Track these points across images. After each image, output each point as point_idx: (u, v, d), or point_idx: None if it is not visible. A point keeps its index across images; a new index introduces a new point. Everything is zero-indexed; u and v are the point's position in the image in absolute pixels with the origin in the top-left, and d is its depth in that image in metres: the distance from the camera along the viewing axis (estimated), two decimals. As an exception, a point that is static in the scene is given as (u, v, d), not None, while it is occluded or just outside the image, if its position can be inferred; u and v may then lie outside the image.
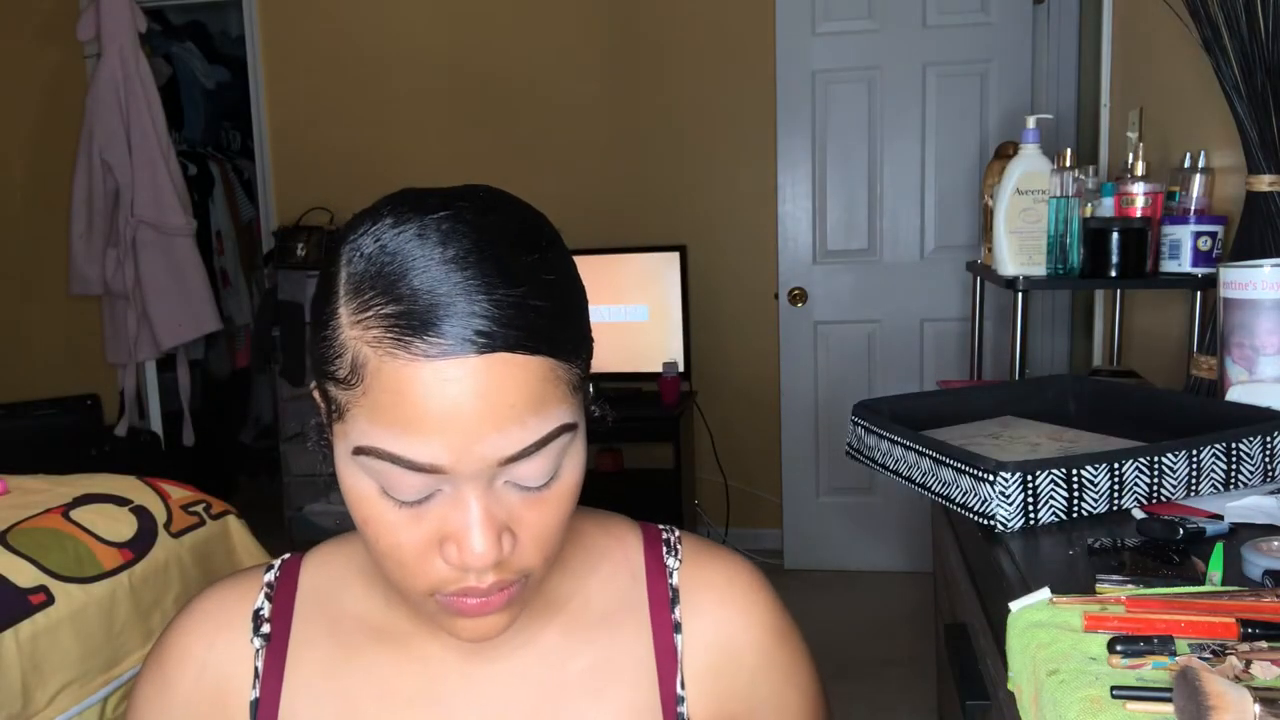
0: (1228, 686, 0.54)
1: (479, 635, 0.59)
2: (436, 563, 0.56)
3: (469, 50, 3.71)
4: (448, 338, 0.51)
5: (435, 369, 0.51)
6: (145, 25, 3.45)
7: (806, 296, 3.47)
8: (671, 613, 0.68)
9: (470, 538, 0.54)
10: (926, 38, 3.30)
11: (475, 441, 0.52)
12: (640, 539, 0.72)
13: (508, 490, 0.56)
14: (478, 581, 0.56)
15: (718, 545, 0.74)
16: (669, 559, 0.71)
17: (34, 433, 3.56)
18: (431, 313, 0.51)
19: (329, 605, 0.68)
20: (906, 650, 2.87)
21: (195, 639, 0.68)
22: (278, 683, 0.66)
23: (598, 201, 3.63)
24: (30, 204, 4.01)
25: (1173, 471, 0.94)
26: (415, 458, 0.52)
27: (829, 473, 3.53)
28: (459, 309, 0.51)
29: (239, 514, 1.94)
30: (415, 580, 0.57)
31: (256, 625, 0.68)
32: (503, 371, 0.52)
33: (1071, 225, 1.74)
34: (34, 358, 4.06)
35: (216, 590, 0.71)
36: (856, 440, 1.18)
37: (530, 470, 0.55)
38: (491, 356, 0.51)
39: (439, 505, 0.55)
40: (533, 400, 0.53)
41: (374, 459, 0.54)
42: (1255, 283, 1.09)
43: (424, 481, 0.54)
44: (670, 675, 0.67)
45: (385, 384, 0.52)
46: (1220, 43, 1.38)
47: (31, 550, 1.55)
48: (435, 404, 0.51)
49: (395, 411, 0.52)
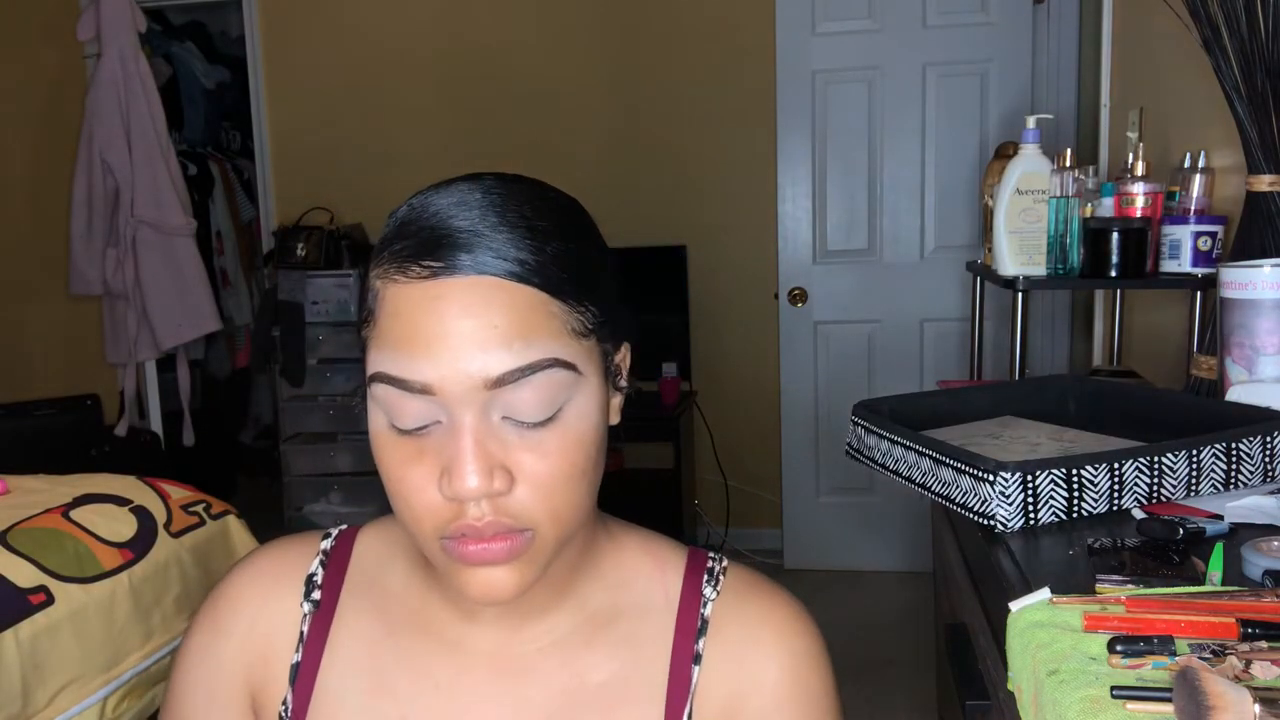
0: (1228, 686, 0.54)
1: (485, 591, 0.59)
2: (438, 498, 0.57)
3: (469, 50, 3.71)
4: (440, 259, 0.56)
5: (425, 289, 0.56)
6: (145, 25, 3.45)
7: (806, 296, 3.47)
8: (695, 643, 0.67)
9: (461, 465, 0.55)
10: (926, 38, 3.30)
11: (460, 359, 0.55)
12: (683, 564, 0.71)
13: (505, 427, 0.57)
14: (474, 519, 0.56)
15: (767, 581, 0.71)
16: (707, 588, 0.69)
17: (34, 433, 3.55)
18: (430, 242, 0.56)
19: (376, 581, 0.70)
20: (906, 650, 2.87)
21: (253, 592, 0.70)
22: (319, 650, 0.68)
23: (598, 201, 3.58)
24: (30, 204, 4.01)
25: (1173, 471, 0.94)
26: (409, 376, 0.56)
27: (829, 473, 3.53)
28: (456, 240, 0.56)
29: (239, 514, 1.94)
30: (421, 521, 0.58)
31: (308, 590, 0.70)
32: (489, 294, 0.55)
33: (1071, 225, 1.74)
34: (34, 358, 4.06)
35: (275, 547, 0.73)
36: (856, 440, 1.18)
37: (523, 401, 0.56)
38: (479, 279, 0.55)
39: (437, 438, 0.57)
40: (519, 326, 0.56)
41: (379, 384, 0.57)
42: (1255, 283, 1.09)
43: (421, 407, 0.56)
44: (679, 706, 0.66)
45: (387, 308, 0.57)
46: (1220, 43, 1.38)
47: (31, 550, 1.55)
48: (424, 321, 0.55)
49: (393, 333, 0.56)
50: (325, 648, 0.68)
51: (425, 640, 0.68)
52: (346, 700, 0.67)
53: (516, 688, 0.66)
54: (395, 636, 0.68)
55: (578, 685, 0.66)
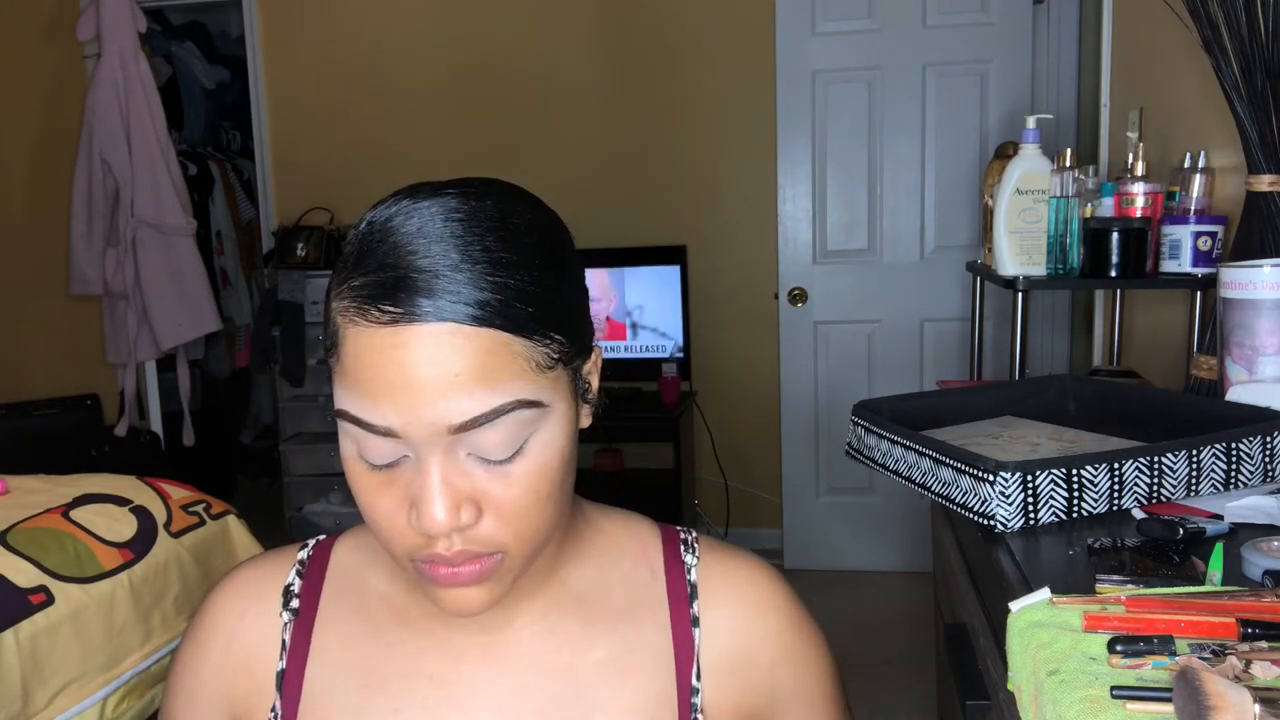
0: (1228, 686, 0.54)
1: (457, 607, 0.61)
2: (408, 526, 0.58)
3: (469, 50, 3.71)
4: (400, 305, 0.54)
5: (385, 335, 0.55)
6: (145, 25, 3.45)
7: (806, 296, 3.47)
8: (690, 607, 0.70)
9: (428, 504, 0.56)
10: (926, 38, 3.30)
11: (423, 406, 0.55)
12: (659, 537, 0.74)
13: (471, 462, 0.57)
14: (444, 549, 0.58)
15: (732, 545, 0.76)
16: (687, 556, 0.73)
17: (34, 433, 3.56)
18: (389, 284, 0.55)
19: (356, 584, 0.72)
20: (906, 650, 2.87)
21: (229, 609, 0.72)
22: (303, 655, 0.69)
23: (598, 201, 3.63)
24: (30, 204, 4.01)
25: (1173, 471, 0.94)
26: (373, 420, 0.56)
27: (829, 473, 3.53)
28: (414, 282, 0.55)
29: (239, 514, 1.94)
30: (393, 544, 0.60)
31: (286, 600, 0.71)
32: (449, 341, 0.54)
33: (1071, 225, 1.74)
34: (34, 358, 4.06)
35: (253, 564, 0.74)
36: (856, 440, 1.18)
37: (488, 442, 0.57)
38: (438, 325, 0.54)
39: (406, 471, 0.58)
40: (481, 371, 0.55)
41: (345, 422, 0.58)
42: (1255, 283, 1.09)
43: (387, 446, 0.57)
44: (686, 667, 0.69)
45: (349, 350, 0.56)
46: (1220, 43, 1.38)
47: (31, 550, 1.55)
48: (386, 370, 0.55)
49: (356, 375, 0.56)
50: (310, 652, 0.69)
51: (414, 636, 0.69)
52: (335, 699, 0.68)
53: (514, 673, 0.68)
54: (382, 635, 0.69)
55: (579, 664, 0.68)
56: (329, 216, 3.81)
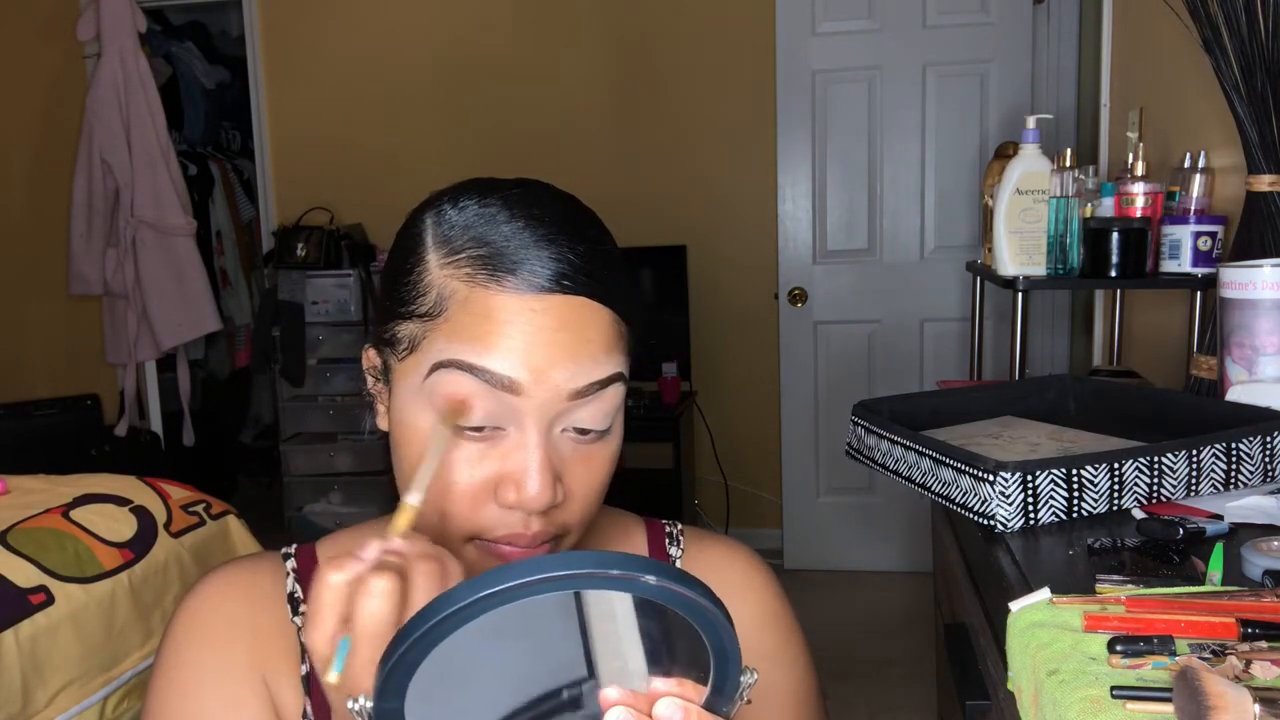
0: (1228, 686, 0.54)
1: None
2: (487, 507, 0.59)
3: (469, 50, 3.71)
4: (539, 276, 0.58)
5: (523, 300, 0.58)
6: (145, 25, 3.45)
7: (806, 296, 3.47)
8: None
9: (529, 479, 0.57)
10: (926, 38, 3.30)
11: (552, 366, 0.57)
12: (644, 530, 0.77)
13: (563, 439, 0.60)
14: (524, 528, 0.59)
15: (719, 534, 0.78)
16: (671, 548, 0.75)
17: (34, 433, 3.56)
18: (521, 255, 0.58)
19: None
20: (906, 650, 2.87)
21: (237, 605, 0.67)
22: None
23: (598, 201, 3.57)
24: (30, 204, 4.01)
25: (1173, 471, 0.94)
26: (495, 369, 0.57)
27: (829, 473, 3.53)
28: (545, 255, 0.58)
29: (239, 514, 1.94)
30: (460, 524, 0.59)
31: (294, 607, 0.69)
32: (583, 312, 0.59)
33: (1071, 225, 1.74)
34: (34, 358, 4.06)
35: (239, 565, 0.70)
36: (856, 440, 1.18)
37: (591, 413, 0.59)
38: (574, 298, 0.58)
39: (501, 445, 0.59)
40: (605, 342, 0.60)
41: (452, 371, 0.57)
42: (1255, 283, 1.09)
43: (494, 404, 0.57)
44: None
45: (473, 308, 0.58)
46: (1220, 43, 1.38)
47: (31, 550, 1.54)
48: (520, 327, 0.57)
49: (480, 328, 0.57)
50: None
51: None
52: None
53: None
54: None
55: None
56: (329, 216, 3.81)
